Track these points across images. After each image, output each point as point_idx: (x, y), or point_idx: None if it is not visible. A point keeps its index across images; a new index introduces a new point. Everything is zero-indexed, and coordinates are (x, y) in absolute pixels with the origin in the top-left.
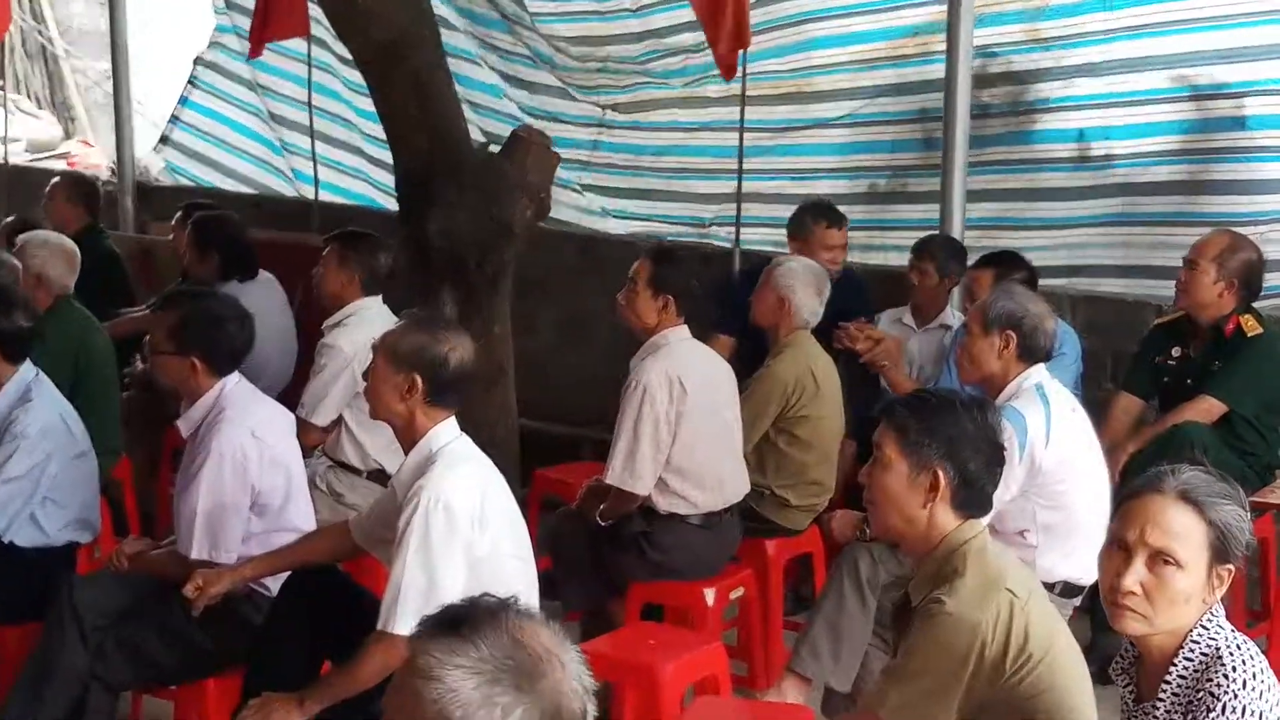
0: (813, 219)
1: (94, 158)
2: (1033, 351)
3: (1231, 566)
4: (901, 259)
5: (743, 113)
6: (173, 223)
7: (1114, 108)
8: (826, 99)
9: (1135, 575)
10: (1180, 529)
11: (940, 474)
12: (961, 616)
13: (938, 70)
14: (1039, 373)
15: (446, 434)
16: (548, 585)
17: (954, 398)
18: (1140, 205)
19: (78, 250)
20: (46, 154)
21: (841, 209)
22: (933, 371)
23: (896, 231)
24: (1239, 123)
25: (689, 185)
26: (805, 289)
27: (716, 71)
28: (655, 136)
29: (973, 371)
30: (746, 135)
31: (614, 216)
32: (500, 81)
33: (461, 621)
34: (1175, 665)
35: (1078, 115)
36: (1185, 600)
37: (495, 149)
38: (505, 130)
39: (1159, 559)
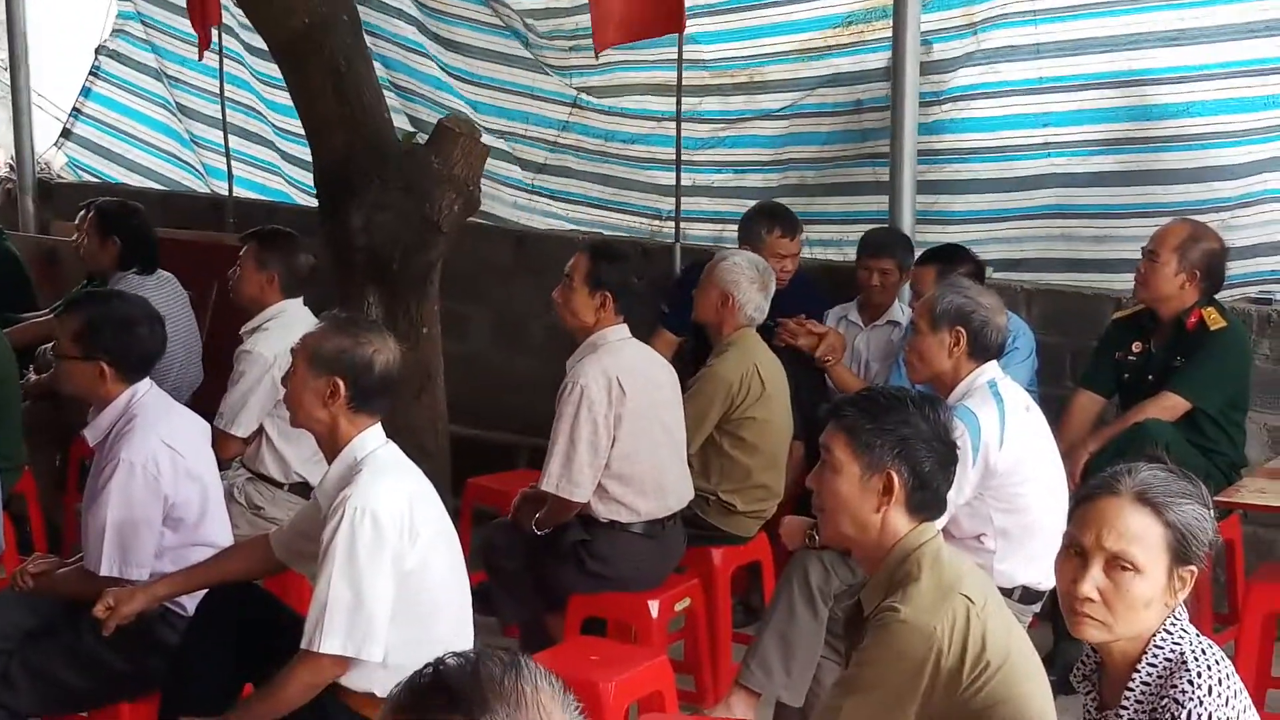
0: (766, 227)
1: None
2: (984, 348)
3: (1194, 568)
4: (836, 254)
5: (679, 102)
6: (76, 220)
7: (1051, 93)
8: (773, 90)
9: (1092, 581)
10: (1137, 531)
11: (894, 476)
12: (916, 624)
13: (873, 60)
14: (991, 370)
15: (372, 441)
16: (482, 599)
17: (904, 395)
18: (1078, 197)
19: None
20: None
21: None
22: (880, 369)
23: (829, 225)
24: (1184, 109)
25: (652, 176)
26: (749, 285)
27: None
28: (626, 123)
29: (922, 370)
30: (699, 126)
31: (571, 201)
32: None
33: (471, 701)
34: (1138, 671)
35: (1012, 102)
36: (1145, 605)
37: (422, 139)
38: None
39: (1116, 564)
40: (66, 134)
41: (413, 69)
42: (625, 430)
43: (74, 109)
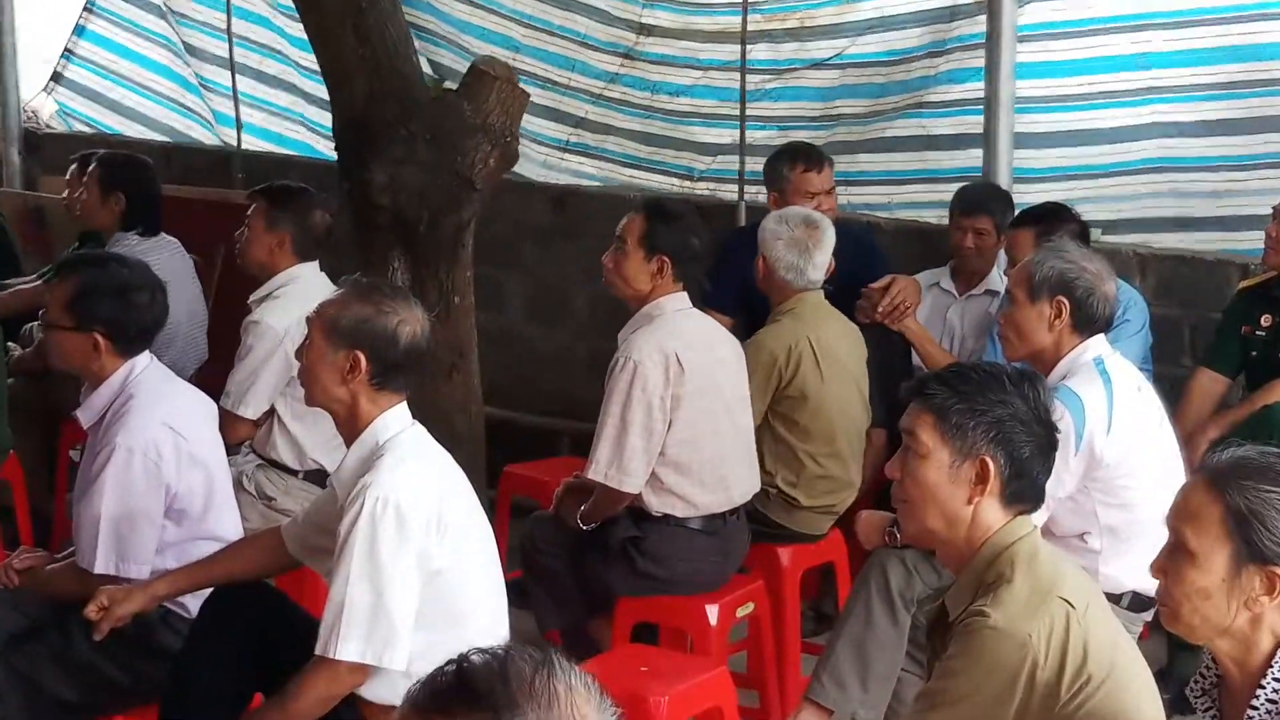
0: (787, 165)
1: None
2: (1090, 320)
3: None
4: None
5: (744, 50)
6: (68, 175)
7: (1150, 30)
8: (822, 35)
9: (1160, 561)
10: (1194, 510)
11: (989, 463)
12: (1009, 630)
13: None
14: (1098, 345)
15: (396, 423)
16: (520, 601)
17: (998, 371)
18: (1188, 149)
19: None
20: None
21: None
22: (976, 346)
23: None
24: None
25: (691, 132)
26: (779, 243)
27: None
28: (674, 73)
29: (1020, 346)
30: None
31: (605, 159)
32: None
33: (496, 700)
34: (1264, 687)
35: (1104, 41)
36: (1204, 597)
37: (451, 86)
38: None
39: (1174, 545)
40: (57, 78)
41: (436, 8)
42: (684, 413)
43: (65, 50)
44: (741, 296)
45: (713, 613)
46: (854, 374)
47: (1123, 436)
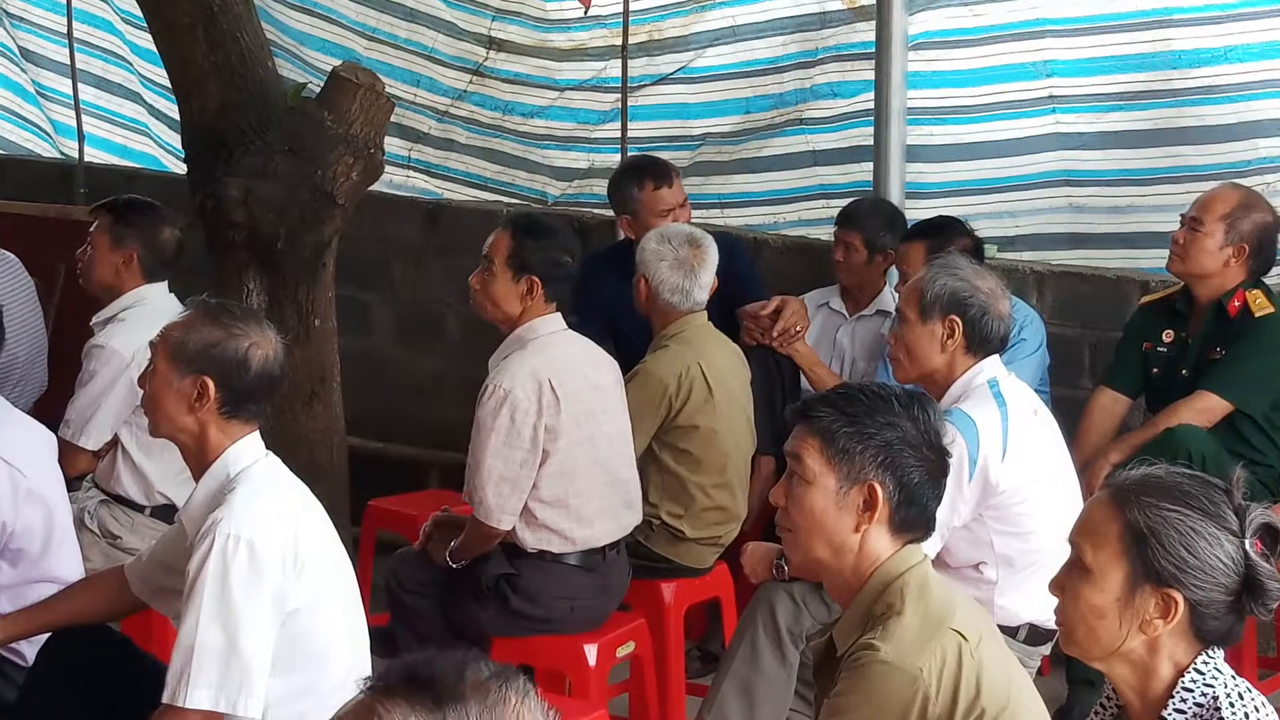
0: (635, 185)
1: None
2: (984, 341)
3: (1174, 593)
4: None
5: (625, 65)
6: None
7: (1051, 37)
8: (671, 49)
9: (1058, 578)
10: (1094, 529)
11: (877, 488)
12: (899, 664)
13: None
14: (993, 367)
15: (249, 454)
16: (384, 644)
17: (887, 392)
18: (1090, 161)
19: None
20: None
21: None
22: (867, 368)
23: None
24: (1220, 55)
25: (547, 156)
26: (660, 263)
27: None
28: (527, 94)
29: (910, 368)
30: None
31: (448, 178)
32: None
33: (443, 691)
34: (1166, 718)
35: (1003, 49)
36: (1098, 616)
37: (313, 91)
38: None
39: (1074, 562)
40: None
41: (275, 19)
42: (560, 444)
43: None
44: (608, 322)
45: (591, 653)
46: (741, 399)
47: (1019, 462)
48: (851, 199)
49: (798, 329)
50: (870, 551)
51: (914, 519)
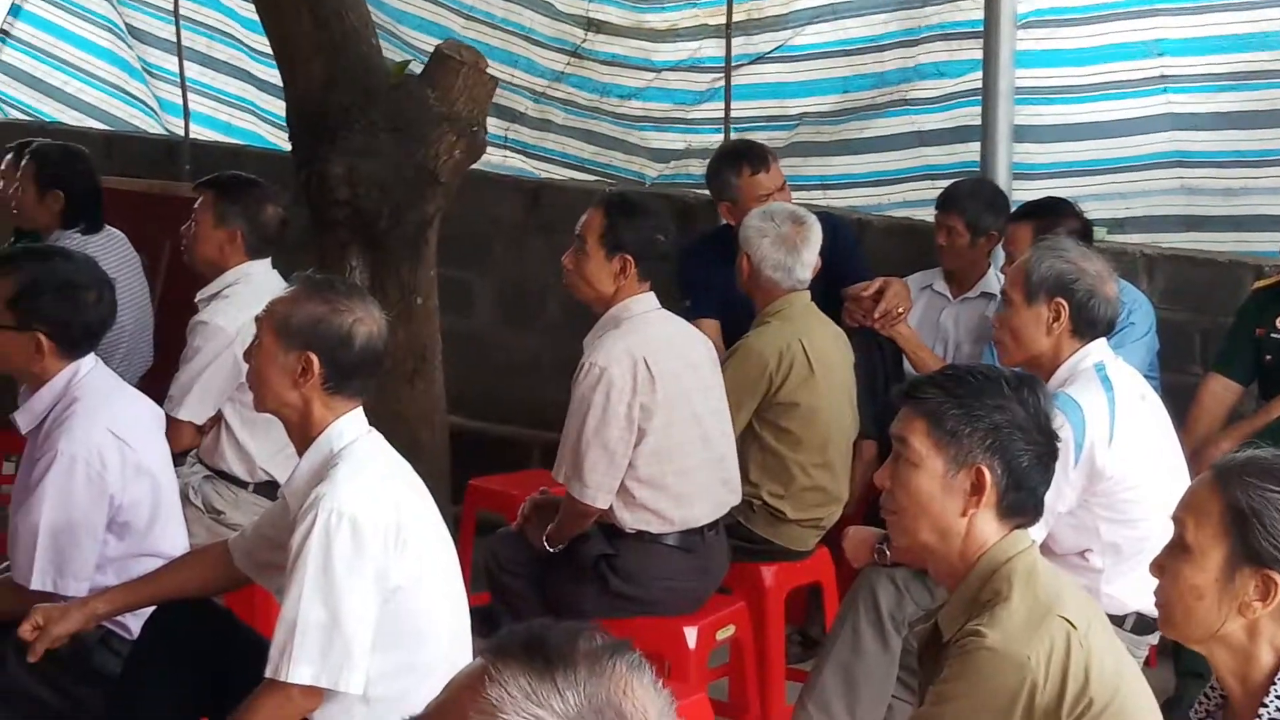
0: (733, 172)
1: None
2: (1090, 324)
3: (1276, 575)
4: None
5: (729, 44)
6: (1, 166)
7: (1164, 15)
8: (770, 27)
9: (1159, 558)
10: (1196, 508)
11: (985, 472)
12: (1006, 652)
13: None
14: (1099, 350)
15: (351, 429)
16: (484, 624)
17: (996, 374)
18: (1202, 142)
19: None
20: None
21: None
22: (972, 351)
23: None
24: None
25: (645, 138)
26: (768, 240)
27: None
28: (624, 75)
29: (1016, 351)
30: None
31: (544, 158)
32: None
33: (555, 656)
34: (1266, 706)
35: (1115, 27)
36: (1196, 597)
37: (415, 69)
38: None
39: (1175, 542)
40: None
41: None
42: (655, 422)
43: (0, 32)
44: (723, 305)
45: (691, 635)
46: (843, 380)
47: (1126, 448)
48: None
49: (900, 310)
50: (977, 536)
51: (1022, 504)
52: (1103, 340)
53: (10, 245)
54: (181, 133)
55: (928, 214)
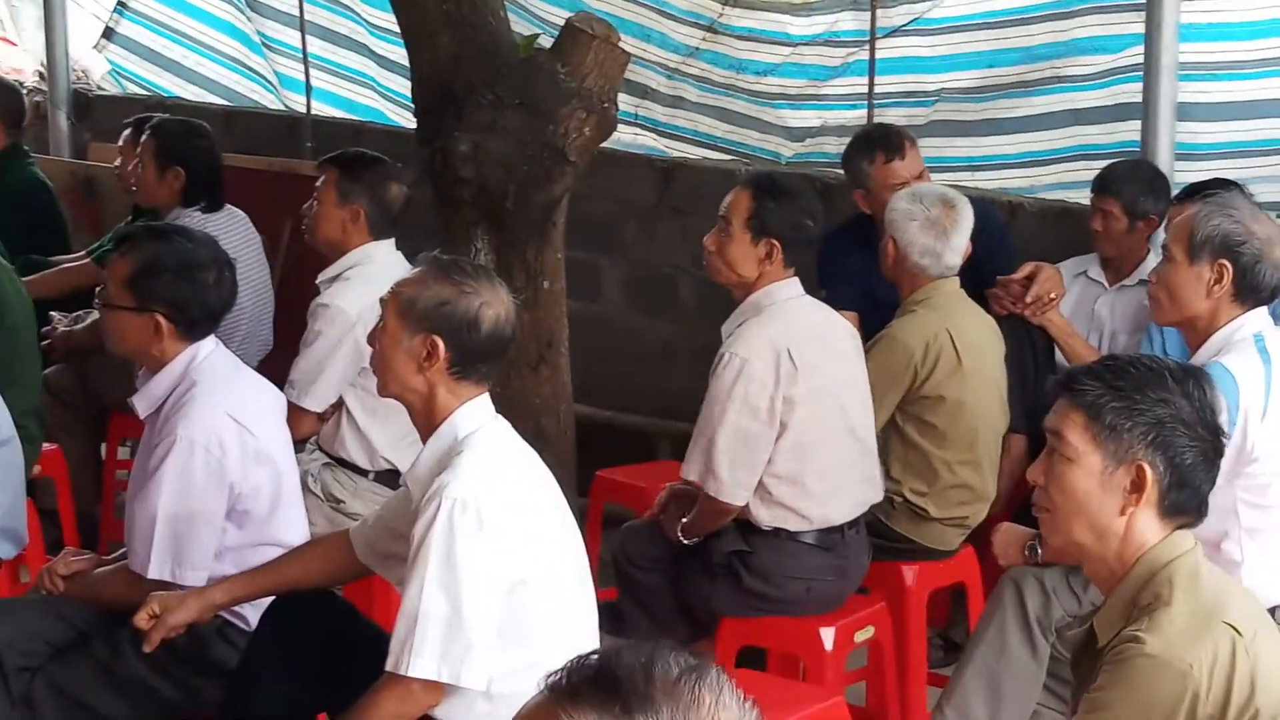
0: (866, 158)
1: (16, 60)
2: (1253, 290)
3: None
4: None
5: (874, 17)
6: (120, 141)
7: None
8: None
9: None
10: None
11: (1146, 469)
12: (1167, 659)
13: None
14: (1258, 319)
15: (477, 416)
16: (612, 620)
17: (1160, 366)
18: None
19: None
20: None
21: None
22: (1129, 342)
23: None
24: None
25: (781, 116)
26: (916, 224)
27: None
28: (761, 51)
29: (1170, 311)
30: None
31: (675, 136)
32: None
33: (632, 694)
34: None
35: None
36: None
37: (545, 44)
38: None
39: None
40: (109, 35)
41: None
42: (797, 416)
43: (118, 4)
44: (863, 294)
45: (828, 636)
46: (993, 372)
47: (1276, 426)
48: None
49: (1052, 297)
50: (1136, 536)
51: (1185, 503)
52: (1263, 309)
53: (128, 223)
54: (302, 109)
55: (1084, 196)
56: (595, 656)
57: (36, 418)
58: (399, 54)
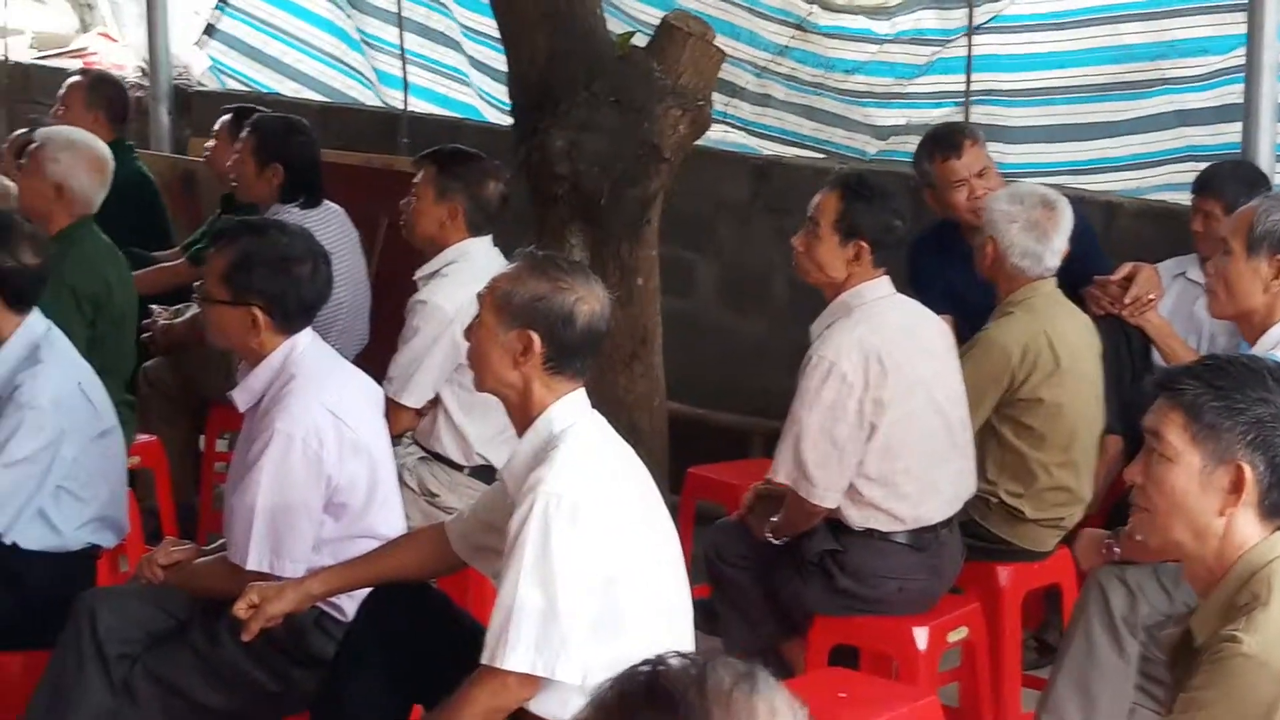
0: (926, 159)
1: (118, 55)
2: None
3: None
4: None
5: (971, 14)
6: (215, 127)
7: None
8: None
9: None
10: None
11: (1245, 469)
12: (1265, 659)
13: None
14: None
15: (573, 411)
16: (705, 618)
17: (1259, 365)
18: None
19: (111, 158)
20: (57, 51)
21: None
22: (1228, 344)
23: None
24: None
25: (868, 114)
26: (1017, 225)
27: None
28: (848, 49)
29: (1227, 304)
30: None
31: (762, 135)
32: None
33: (684, 708)
34: None
35: None
36: None
37: (640, 42)
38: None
39: None
40: (210, 31)
41: None
42: (887, 417)
43: (219, 1)
44: (952, 299)
45: (921, 636)
46: (1091, 374)
47: None
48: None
49: (1150, 297)
50: (1235, 536)
51: None
52: None
53: (218, 215)
54: (399, 105)
55: (1187, 197)
56: (644, 670)
57: (128, 408)
58: (488, 55)
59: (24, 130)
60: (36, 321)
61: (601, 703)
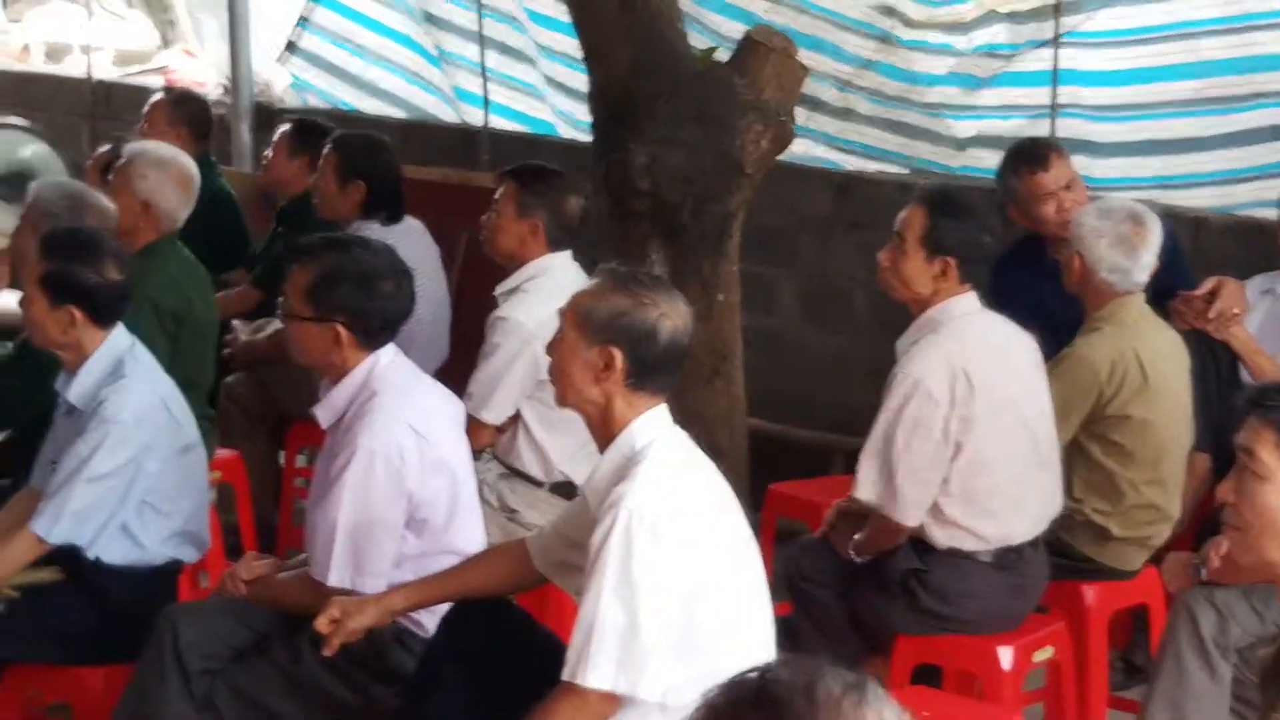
0: (1011, 174)
1: (199, 72)
2: None
3: None
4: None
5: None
6: (275, 136)
7: None
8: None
9: None
10: None
11: None
12: None
13: None
14: None
15: (655, 427)
16: (786, 636)
17: None
18: None
19: (198, 175)
20: (139, 68)
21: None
22: None
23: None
24: None
25: (949, 126)
26: (1105, 240)
27: None
28: (928, 62)
29: None
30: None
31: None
32: None
33: (792, 714)
34: None
35: None
36: None
37: (722, 57)
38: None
39: None
40: (291, 47)
41: None
42: (973, 435)
43: (301, 18)
44: (1036, 313)
45: (1006, 655)
46: (1179, 390)
47: None
48: None
49: (1236, 312)
50: None
51: None
52: None
53: (275, 230)
54: (478, 122)
55: (1275, 213)
56: (754, 677)
57: (209, 423)
58: (564, 73)
59: (108, 147)
60: (120, 337)
61: (710, 707)
